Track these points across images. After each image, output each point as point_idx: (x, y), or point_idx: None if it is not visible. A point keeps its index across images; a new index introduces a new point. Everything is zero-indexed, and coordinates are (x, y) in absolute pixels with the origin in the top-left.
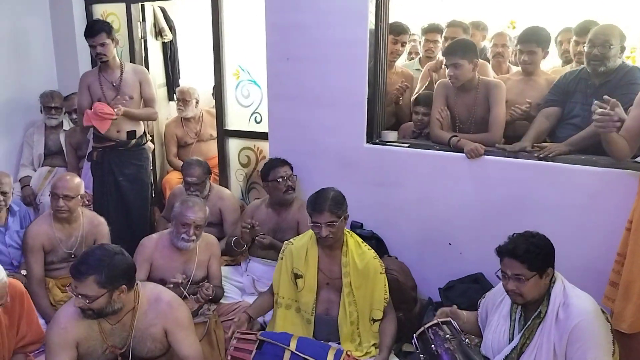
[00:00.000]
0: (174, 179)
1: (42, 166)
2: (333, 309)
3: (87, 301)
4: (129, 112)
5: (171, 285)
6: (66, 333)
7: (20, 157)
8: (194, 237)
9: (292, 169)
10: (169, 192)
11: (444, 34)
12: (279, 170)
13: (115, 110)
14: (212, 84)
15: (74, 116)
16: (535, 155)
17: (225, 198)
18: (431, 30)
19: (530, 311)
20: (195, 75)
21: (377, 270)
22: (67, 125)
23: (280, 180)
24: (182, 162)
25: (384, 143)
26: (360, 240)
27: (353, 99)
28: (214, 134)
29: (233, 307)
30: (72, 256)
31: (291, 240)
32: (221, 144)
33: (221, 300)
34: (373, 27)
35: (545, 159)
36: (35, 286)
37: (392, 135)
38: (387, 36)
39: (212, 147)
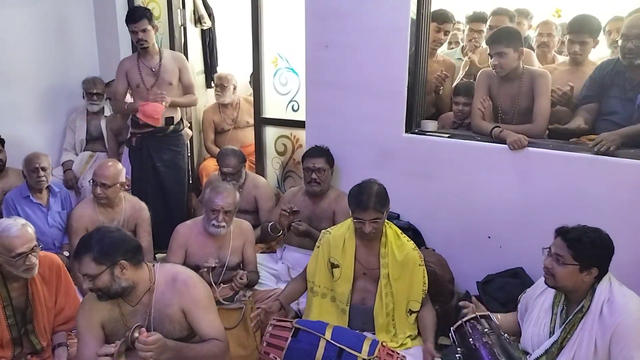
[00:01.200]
0: (211, 165)
1: (84, 151)
2: (369, 299)
3: (90, 280)
4: (174, 101)
5: (205, 270)
6: (90, 315)
7: (63, 141)
8: (223, 223)
9: (330, 163)
10: (206, 178)
11: (488, 23)
12: (309, 160)
13: (163, 103)
14: (250, 71)
15: (112, 103)
16: (590, 147)
17: (261, 186)
18: (476, 19)
19: (572, 305)
20: (233, 63)
21: (416, 261)
22: (108, 111)
23: (306, 169)
24: (219, 149)
25: (423, 133)
26: (399, 231)
27: (393, 87)
28: (251, 121)
29: (269, 294)
30: None
31: (329, 229)
32: (258, 131)
33: (256, 287)
34: (415, 14)
35: (597, 152)
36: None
37: (431, 125)
38: (429, 24)
39: (248, 134)
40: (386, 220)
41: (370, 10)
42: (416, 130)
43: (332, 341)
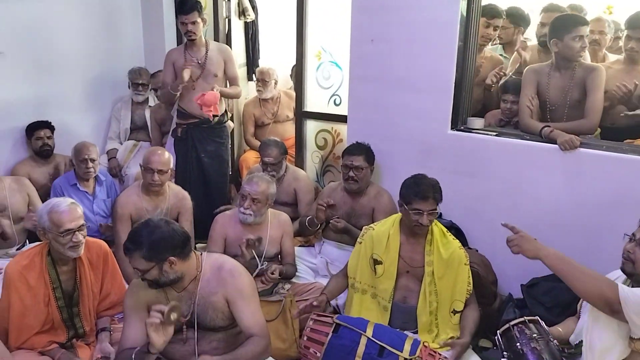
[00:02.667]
0: (250, 157)
1: (128, 140)
2: (411, 298)
3: (140, 273)
4: (223, 91)
5: (244, 243)
6: (138, 297)
7: (108, 130)
8: (249, 211)
9: (369, 161)
10: (246, 170)
11: (540, 19)
12: (348, 157)
13: (215, 90)
14: (291, 65)
15: (160, 93)
16: None
17: (301, 179)
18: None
19: None
20: (274, 56)
21: (461, 260)
22: (152, 101)
23: (344, 166)
24: (258, 142)
25: (469, 130)
26: (445, 229)
27: (439, 83)
28: (291, 115)
29: (308, 288)
30: None
31: (372, 225)
32: (299, 125)
33: (295, 280)
34: (465, 8)
35: None
36: (122, 253)
37: (478, 122)
38: (479, 18)
39: (288, 128)
40: (434, 220)
41: (419, 5)
42: (462, 128)
43: (373, 339)
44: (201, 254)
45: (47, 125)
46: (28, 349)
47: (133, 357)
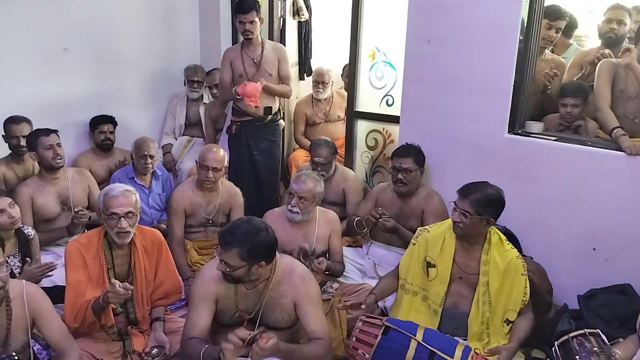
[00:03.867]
0: (300, 156)
1: (182, 135)
2: (463, 304)
3: (228, 269)
4: (268, 86)
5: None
6: (208, 287)
7: (163, 125)
8: (296, 209)
9: (419, 163)
10: (295, 168)
11: (606, 16)
12: (397, 159)
13: (258, 83)
14: (342, 64)
15: (215, 90)
16: None
17: (350, 179)
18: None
19: None
20: (326, 55)
21: (518, 270)
22: (206, 98)
23: (393, 168)
24: (308, 141)
25: (527, 134)
26: (504, 238)
27: (497, 85)
28: (342, 115)
29: (356, 288)
30: (210, 222)
31: (427, 227)
32: (350, 125)
33: (342, 280)
34: (527, 9)
35: None
36: (175, 246)
37: (537, 126)
38: (541, 20)
39: (338, 128)
40: (492, 227)
41: (478, 5)
42: (520, 131)
43: (423, 343)
44: (275, 257)
45: (110, 120)
46: (87, 335)
47: (201, 355)
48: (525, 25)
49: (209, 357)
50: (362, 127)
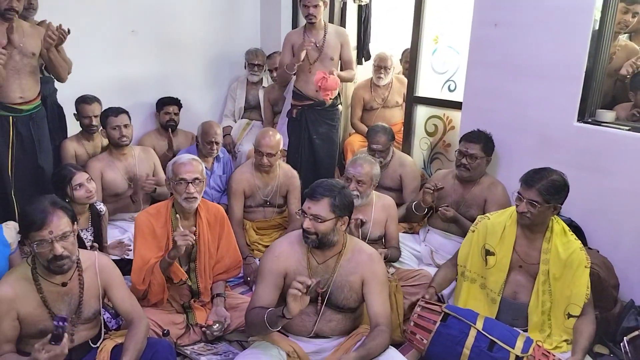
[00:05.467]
0: (355, 141)
1: (242, 118)
2: (522, 294)
3: (319, 220)
4: (340, 75)
5: (353, 228)
6: (278, 261)
7: (224, 108)
8: (355, 192)
9: (487, 151)
10: (350, 153)
11: None
12: (465, 143)
13: (334, 75)
14: (401, 49)
15: (274, 74)
16: None
17: (407, 165)
18: None
19: None
20: (385, 40)
21: (581, 263)
22: (266, 82)
23: (459, 152)
24: (364, 126)
25: (598, 123)
26: (567, 228)
27: (567, 71)
28: (400, 101)
29: (413, 274)
30: (267, 202)
31: (487, 214)
32: (409, 110)
33: (398, 266)
34: None
35: None
36: (235, 226)
37: (609, 115)
38: (617, 3)
39: (395, 114)
40: (555, 216)
41: None
42: (590, 120)
43: (483, 332)
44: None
45: (176, 101)
46: (154, 306)
47: (265, 317)
48: (600, 8)
49: (273, 316)
50: (422, 113)
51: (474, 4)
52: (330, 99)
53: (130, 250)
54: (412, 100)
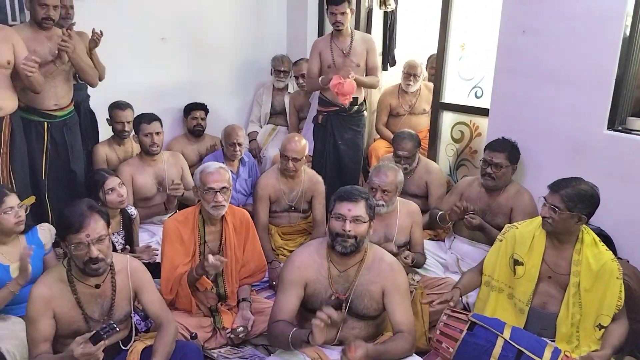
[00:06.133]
0: (380, 147)
1: (267, 124)
2: (551, 305)
3: (359, 222)
4: (358, 79)
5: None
6: (299, 271)
7: (249, 113)
8: (381, 201)
9: (512, 159)
10: (375, 159)
11: None
12: (489, 152)
13: (350, 77)
14: (426, 55)
15: (300, 80)
16: None
17: (433, 172)
18: None
19: None
20: (410, 45)
21: (613, 273)
22: (291, 88)
23: (484, 161)
24: (389, 132)
25: (628, 131)
26: (597, 239)
27: (597, 78)
28: (427, 108)
29: (439, 282)
30: (292, 208)
31: (515, 224)
32: (435, 116)
33: (424, 273)
34: None
35: None
36: (260, 231)
37: (639, 123)
38: None
39: (422, 121)
40: (584, 226)
41: None
42: (620, 128)
43: (511, 341)
44: (367, 241)
45: (203, 107)
46: (182, 309)
47: (290, 337)
48: (631, 14)
49: (297, 339)
50: (448, 119)
51: (502, 11)
52: (349, 102)
53: (157, 255)
54: (438, 106)
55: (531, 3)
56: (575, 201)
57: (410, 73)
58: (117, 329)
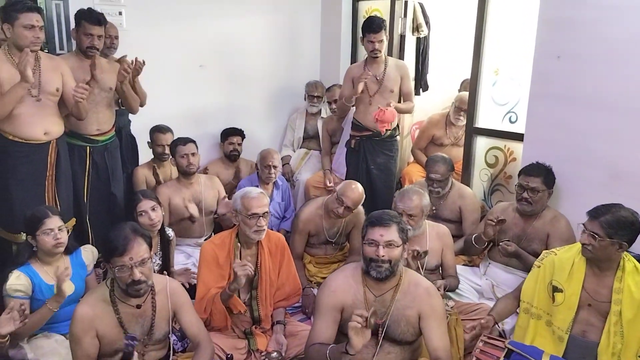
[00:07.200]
0: (414, 171)
1: (300, 148)
2: (592, 333)
3: (392, 246)
4: (397, 106)
5: (411, 261)
6: (335, 296)
7: (283, 138)
8: (407, 226)
9: (548, 184)
10: (407, 183)
11: None
12: (525, 177)
13: (391, 106)
14: (459, 79)
15: (333, 106)
16: None
17: (467, 197)
18: None
19: None
20: (443, 71)
21: None
22: (324, 113)
23: (519, 186)
24: (424, 156)
25: None
26: (639, 266)
27: (635, 103)
28: None
29: (473, 308)
30: (331, 243)
31: (554, 250)
32: (468, 141)
33: (458, 299)
34: None
35: None
36: (294, 259)
37: None
38: None
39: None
40: (625, 253)
41: (612, 20)
42: None
43: None
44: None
45: (240, 132)
46: (217, 328)
47: (328, 353)
48: None
49: (335, 352)
50: (482, 144)
51: (537, 36)
52: (386, 130)
53: (195, 277)
54: (471, 131)
55: (566, 28)
56: (615, 228)
57: (461, 108)
58: (137, 338)
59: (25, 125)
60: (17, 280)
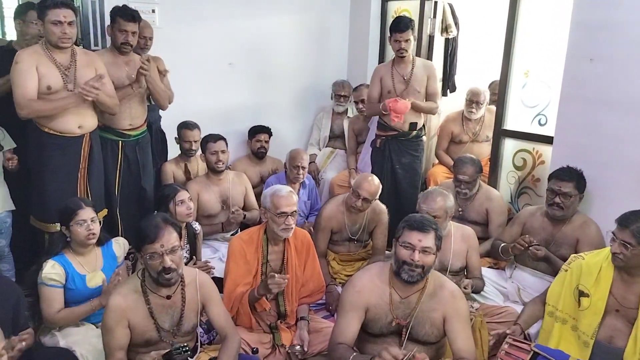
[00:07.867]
0: (439, 172)
1: (326, 147)
2: (618, 339)
3: (428, 252)
4: (416, 104)
5: None
6: (359, 295)
7: (309, 136)
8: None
9: (579, 188)
10: (432, 184)
11: None
12: (556, 182)
13: (407, 101)
14: (487, 81)
15: (360, 105)
16: None
17: (494, 199)
18: None
19: None
20: (471, 72)
21: None
22: (351, 112)
23: (550, 190)
24: (449, 158)
25: None
26: None
27: None
28: (491, 135)
29: (499, 311)
30: (354, 239)
31: (582, 254)
32: (496, 143)
33: (483, 301)
34: None
35: None
36: (318, 257)
37: None
38: None
39: (484, 150)
40: None
41: None
42: None
43: None
44: None
45: (267, 130)
46: (245, 326)
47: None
48: None
49: None
50: (510, 146)
51: (569, 38)
52: (412, 129)
53: (214, 270)
54: (500, 133)
55: (599, 31)
56: None
57: (473, 100)
58: (189, 353)
59: (61, 119)
60: (52, 270)
